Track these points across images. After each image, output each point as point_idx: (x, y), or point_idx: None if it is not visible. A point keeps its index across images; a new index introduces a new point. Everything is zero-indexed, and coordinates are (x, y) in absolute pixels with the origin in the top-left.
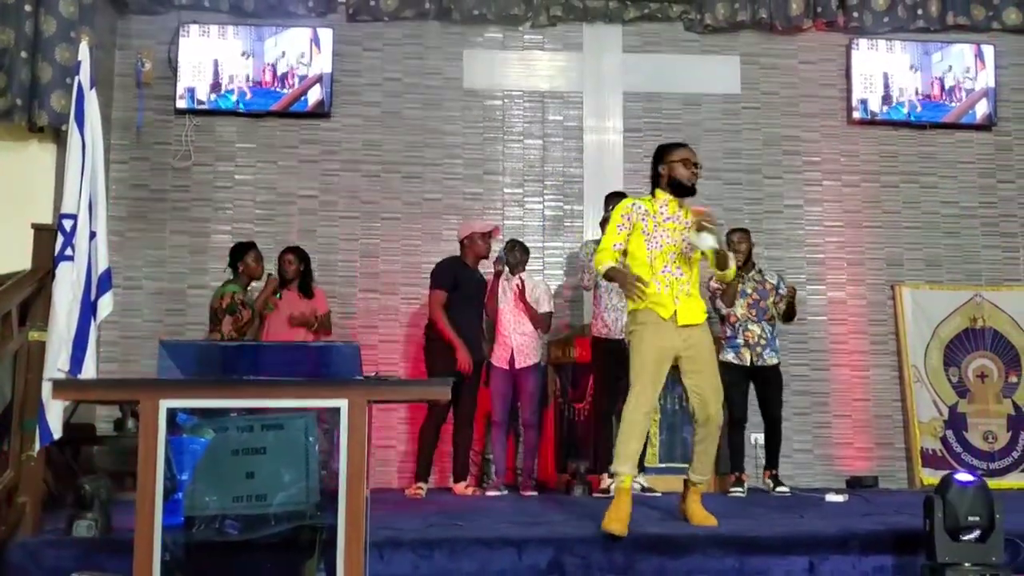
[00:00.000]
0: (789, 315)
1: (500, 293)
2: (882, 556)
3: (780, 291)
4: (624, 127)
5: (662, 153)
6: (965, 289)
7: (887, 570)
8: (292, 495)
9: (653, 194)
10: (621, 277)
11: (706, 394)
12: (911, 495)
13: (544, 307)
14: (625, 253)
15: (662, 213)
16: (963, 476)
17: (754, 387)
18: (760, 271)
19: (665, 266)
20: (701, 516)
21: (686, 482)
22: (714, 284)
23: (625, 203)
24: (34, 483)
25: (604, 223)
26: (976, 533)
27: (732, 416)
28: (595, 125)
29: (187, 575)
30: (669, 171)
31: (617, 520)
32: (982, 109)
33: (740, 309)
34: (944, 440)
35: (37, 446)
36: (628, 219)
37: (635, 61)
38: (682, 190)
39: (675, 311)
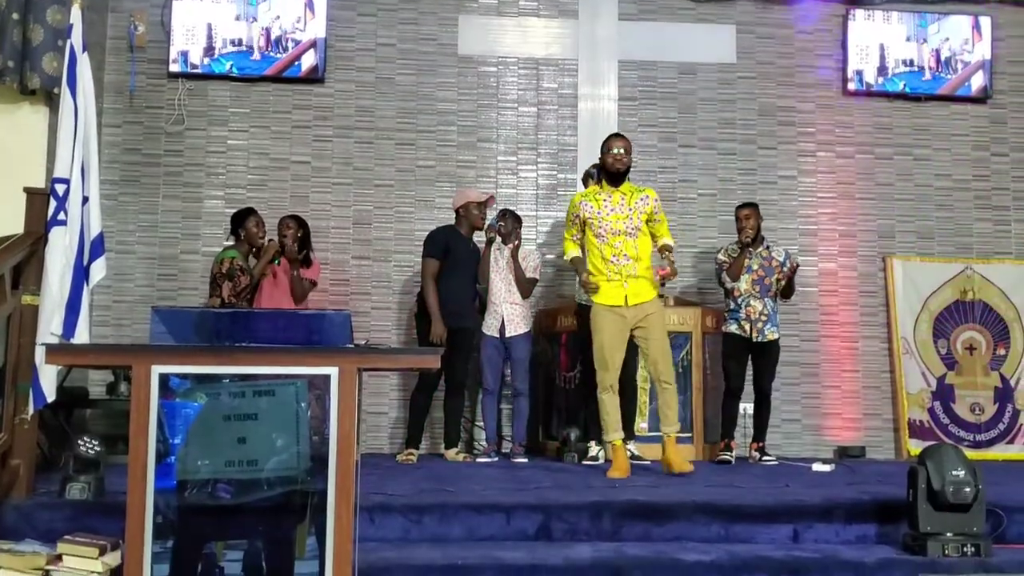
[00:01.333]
0: (788, 291)
1: (492, 262)
2: (865, 525)
3: (785, 268)
4: (619, 95)
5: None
6: (956, 261)
7: (870, 539)
8: (283, 460)
9: (600, 186)
10: (579, 269)
11: (656, 357)
12: (897, 465)
13: (529, 274)
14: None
15: (606, 205)
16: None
17: (751, 359)
18: (768, 247)
19: (613, 255)
20: (678, 462)
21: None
22: (721, 257)
23: (573, 200)
24: (27, 446)
25: (586, 180)
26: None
27: (729, 386)
28: (590, 93)
29: (180, 538)
30: (603, 163)
31: (618, 469)
32: (978, 81)
33: (744, 284)
34: (931, 411)
35: (31, 409)
36: (577, 216)
37: (631, 29)
38: (612, 177)
39: (625, 295)
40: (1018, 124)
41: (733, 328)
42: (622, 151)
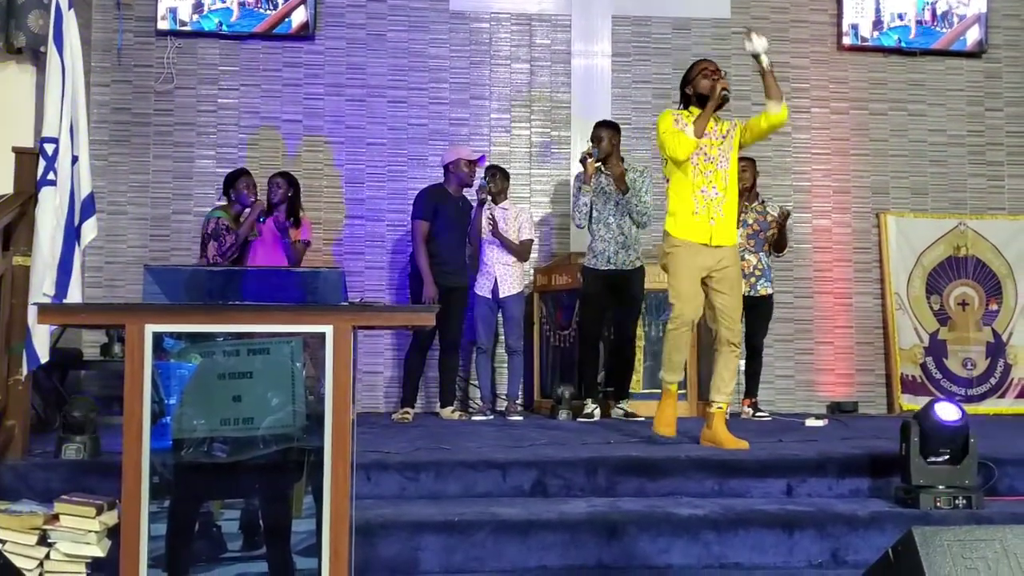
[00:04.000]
0: (780, 243)
1: (484, 223)
2: (858, 479)
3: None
4: (612, 51)
5: (686, 75)
6: (950, 217)
7: (863, 492)
8: (279, 418)
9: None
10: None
11: (730, 314)
12: (889, 420)
13: (525, 234)
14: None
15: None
16: (945, 411)
17: (745, 315)
18: (763, 202)
19: (702, 187)
20: (731, 440)
21: (707, 408)
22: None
23: (668, 112)
24: (22, 407)
25: (584, 160)
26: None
27: None
28: (583, 49)
29: (176, 497)
30: (694, 88)
31: (664, 424)
32: (973, 35)
33: (739, 238)
34: (924, 367)
35: (24, 370)
36: (677, 123)
37: None
38: (708, 101)
39: (711, 234)
40: (1013, 79)
41: None
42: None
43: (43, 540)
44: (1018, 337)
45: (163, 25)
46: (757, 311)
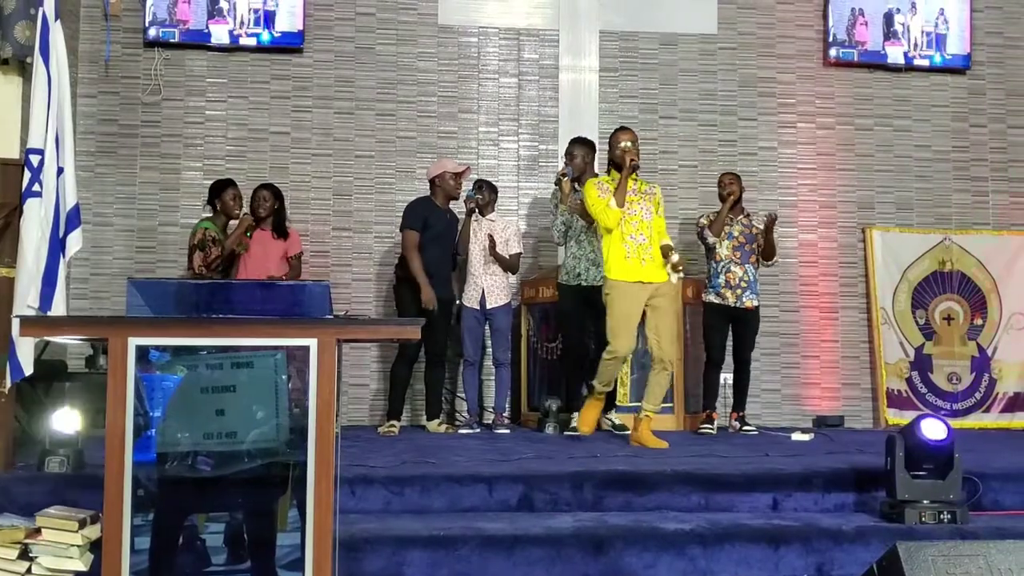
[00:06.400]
0: (768, 251)
1: (471, 234)
2: (844, 493)
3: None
4: (600, 66)
5: (610, 141)
6: (935, 232)
7: (848, 507)
8: (264, 432)
9: (608, 173)
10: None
11: (663, 337)
12: (875, 434)
13: (513, 248)
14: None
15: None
16: (931, 430)
17: (732, 328)
18: (748, 215)
19: (631, 234)
20: (653, 440)
21: (637, 415)
22: (703, 221)
23: (591, 182)
24: (5, 419)
25: (559, 181)
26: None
27: (710, 356)
28: (571, 64)
29: (160, 511)
30: (612, 156)
31: (585, 423)
32: (957, 52)
33: (724, 250)
34: (909, 381)
35: (8, 383)
36: (600, 190)
37: None
38: (622, 170)
39: (643, 273)
40: (996, 95)
41: (713, 298)
42: (632, 145)
43: (24, 554)
44: (1003, 352)
45: (154, 32)
46: (744, 324)
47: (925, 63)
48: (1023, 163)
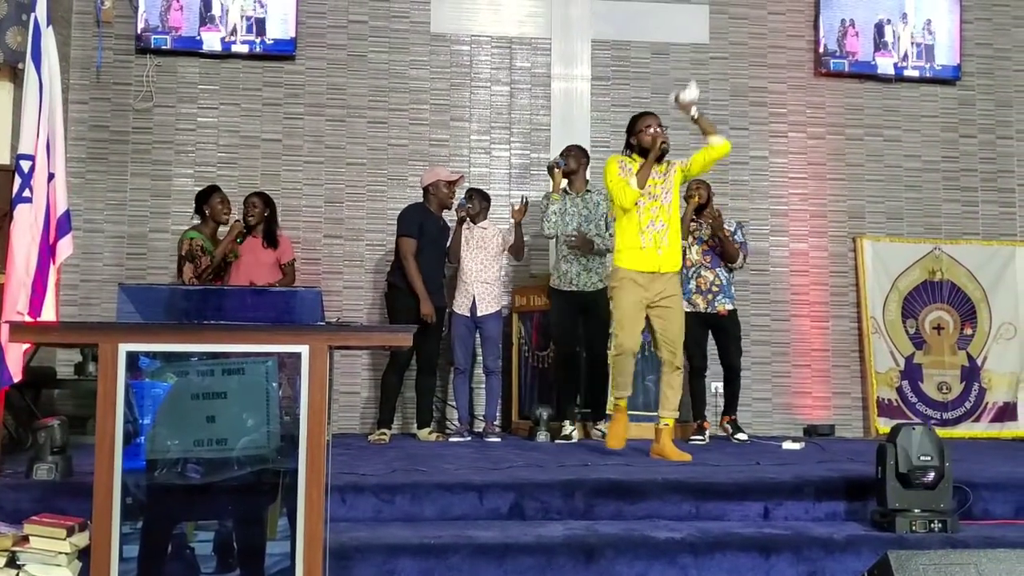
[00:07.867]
0: (726, 254)
1: (463, 241)
2: (835, 502)
3: (736, 238)
4: (592, 75)
5: (631, 126)
6: (925, 242)
7: (839, 515)
8: (254, 439)
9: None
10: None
11: (671, 338)
12: (866, 443)
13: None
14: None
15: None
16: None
17: (712, 335)
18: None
19: (649, 221)
20: (676, 453)
21: (656, 426)
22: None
23: (614, 158)
24: None
25: (551, 169)
26: (927, 478)
27: (691, 364)
28: (563, 72)
29: (149, 518)
30: (638, 140)
31: (614, 438)
32: (947, 63)
33: (695, 255)
34: (900, 390)
35: None
36: (622, 169)
37: (604, 8)
38: (648, 154)
39: (659, 263)
40: (986, 106)
41: (684, 306)
42: (662, 128)
43: (12, 562)
44: (992, 361)
45: (145, 39)
46: (722, 330)
47: (915, 74)
48: (1012, 173)
